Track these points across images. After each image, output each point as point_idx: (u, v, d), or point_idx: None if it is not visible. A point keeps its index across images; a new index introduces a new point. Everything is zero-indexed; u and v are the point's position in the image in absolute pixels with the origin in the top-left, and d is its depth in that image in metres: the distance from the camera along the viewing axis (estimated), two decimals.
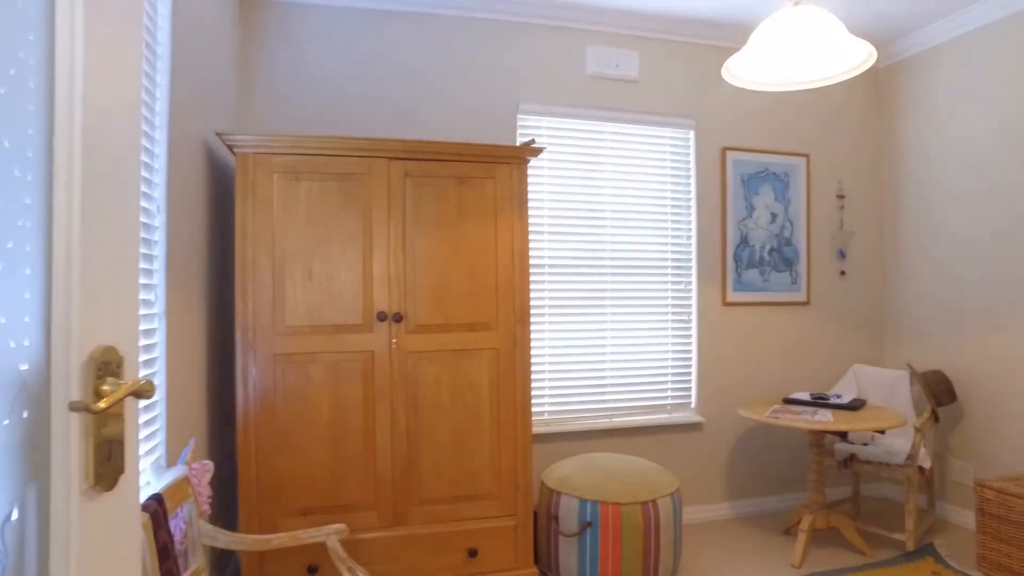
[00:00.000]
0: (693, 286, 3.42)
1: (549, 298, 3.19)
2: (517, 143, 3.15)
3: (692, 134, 3.43)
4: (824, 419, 2.72)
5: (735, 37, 3.45)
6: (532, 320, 3.15)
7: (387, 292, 2.35)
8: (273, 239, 2.25)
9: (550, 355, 3.20)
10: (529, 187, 3.13)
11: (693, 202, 3.42)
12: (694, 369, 3.42)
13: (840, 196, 3.71)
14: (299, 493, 2.27)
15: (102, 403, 0.72)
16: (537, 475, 3.11)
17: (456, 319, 2.43)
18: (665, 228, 3.39)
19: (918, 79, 3.55)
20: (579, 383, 3.24)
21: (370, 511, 2.33)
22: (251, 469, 2.22)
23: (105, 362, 0.76)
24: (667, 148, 3.40)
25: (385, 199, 2.36)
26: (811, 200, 3.65)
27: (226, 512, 2.48)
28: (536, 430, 3.11)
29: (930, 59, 3.47)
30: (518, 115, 3.17)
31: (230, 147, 2.22)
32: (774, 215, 3.56)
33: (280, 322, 2.26)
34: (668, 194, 3.40)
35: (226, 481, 2.49)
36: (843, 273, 3.71)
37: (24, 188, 0.69)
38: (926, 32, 3.42)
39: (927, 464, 2.95)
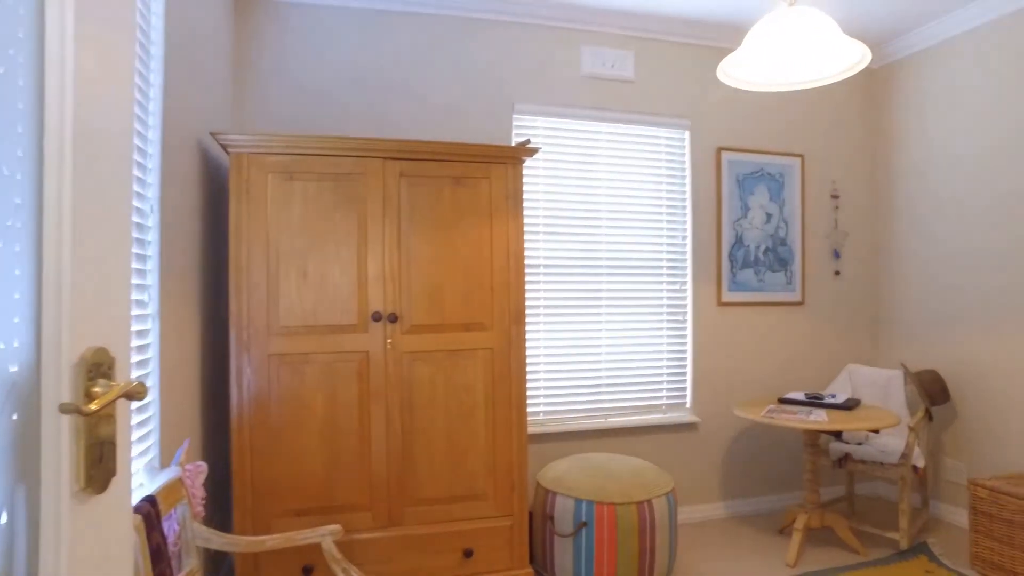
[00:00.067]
0: (688, 286, 3.42)
1: (544, 298, 3.19)
2: (512, 143, 3.15)
3: (687, 134, 3.43)
4: (819, 419, 2.73)
5: (730, 37, 3.45)
6: (527, 320, 3.15)
7: (382, 292, 2.35)
8: (267, 239, 2.24)
9: (545, 355, 3.20)
10: (524, 187, 3.12)
11: (688, 202, 3.42)
12: (689, 369, 3.42)
13: (835, 196, 3.72)
14: (294, 494, 2.26)
15: (93, 405, 0.71)
16: (532, 475, 3.10)
17: (451, 319, 2.42)
18: (660, 228, 3.39)
19: (912, 80, 3.56)
20: (574, 383, 3.24)
21: (365, 512, 2.32)
22: (245, 470, 2.21)
23: (97, 363, 0.75)
24: (662, 148, 3.41)
25: (380, 199, 2.36)
26: (806, 200, 3.66)
27: (220, 513, 2.46)
28: (531, 430, 3.11)
29: (924, 60, 3.48)
30: (513, 115, 3.17)
31: (224, 147, 2.20)
32: (769, 215, 3.56)
33: (274, 322, 2.25)
34: (663, 194, 3.40)
35: (220, 482, 2.47)
36: (837, 273, 3.72)
37: (14, 187, 0.68)
38: (920, 33, 3.43)
39: (921, 463, 2.96)
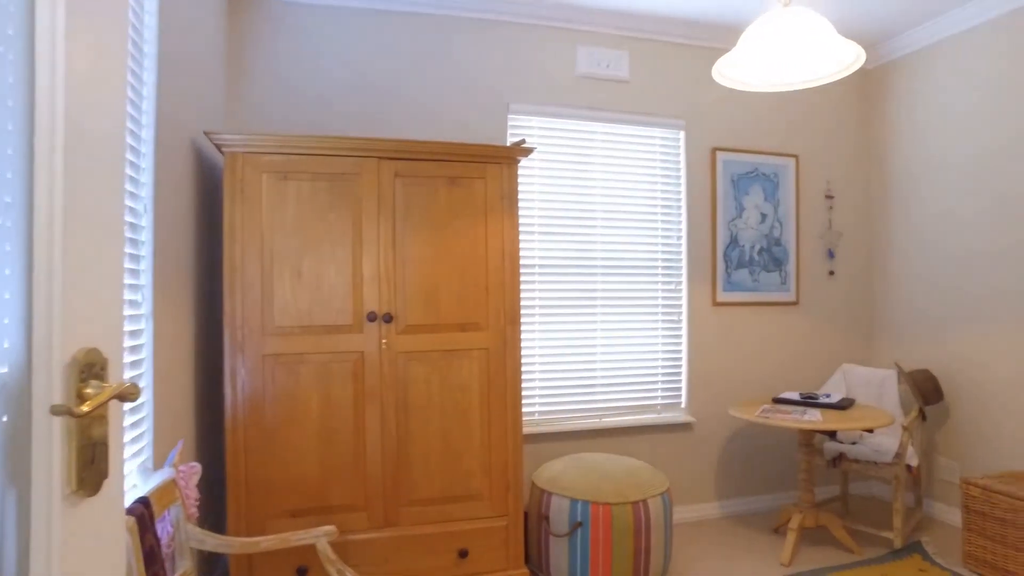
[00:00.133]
0: (683, 286, 3.43)
1: (539, 298, 3.18)
2: (508, 143, 3.15)
3: (682, 134, 3.44)
4: (813, 418, 2.74)
5: (725, 38, 3.46)
6: (522, 320, 3.14)
7: (377, 292, 2.34)
8: (262, 239, 2.23)
9: (540, 355, 3.19)
10: (520, 187, 3.12)
11: (683, 202, 3.43)
12: (684, 369, 3.43)
13: (829, 196, 3.74)
14: (288, 495, 2.25)
15: (85, 406, 0.70)
16: (528, 475, 3.10)
17: (446, 319, 2.42)
18: (655, 228, 3.39)
19: (906, 80, 3.58)
20: (569, 383, 3.24)
21: (360, 512, 2.32)
22: (239, 471, 2.20)
23: (89, 364, 0.75)
24: (657, 148, 3.41)
25: (375, 199, 2.35)
26: (800, 200, 3.67)
27: (214, 515, 2.45)
28: (526, 430, 3.10)
29: (918, 61, 3.50)
30: (509, 115, 3.16)
31: (218, 146, 2.19)
32: (764, 215, 3.57)
33: (269, 322, 2.24)
34: (658, 194, 3.40)
35: (214, 483, 2.46)
36: (832, 273, 3.74)
37: (4, 186, 0.67)
38: (914, 34, 3.45)
39: (914, 462, 2.97)
